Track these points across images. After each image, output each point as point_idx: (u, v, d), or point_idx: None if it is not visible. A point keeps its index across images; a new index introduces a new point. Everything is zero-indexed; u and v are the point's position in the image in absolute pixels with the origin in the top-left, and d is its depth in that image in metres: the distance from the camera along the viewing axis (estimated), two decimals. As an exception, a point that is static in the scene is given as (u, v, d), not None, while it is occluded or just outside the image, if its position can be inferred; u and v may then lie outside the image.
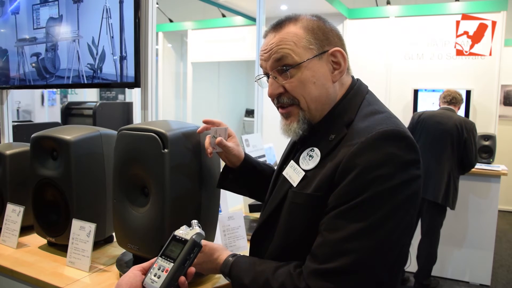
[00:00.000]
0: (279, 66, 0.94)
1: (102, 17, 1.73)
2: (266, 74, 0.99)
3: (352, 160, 0.83)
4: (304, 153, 0.96)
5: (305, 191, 0.91)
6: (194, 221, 0.92)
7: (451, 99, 3.38)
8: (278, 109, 1.00)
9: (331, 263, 0.81)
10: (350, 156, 0.84)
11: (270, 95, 0.98)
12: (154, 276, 0.85)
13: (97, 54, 1.77)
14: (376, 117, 0.90)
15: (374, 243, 0.81)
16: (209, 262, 1.01)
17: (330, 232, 0.83)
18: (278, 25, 0.96)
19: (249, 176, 1.23)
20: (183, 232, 0.90)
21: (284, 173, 1.00)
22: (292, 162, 0.98)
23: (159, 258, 0.88)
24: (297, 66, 0.92)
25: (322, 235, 0.85)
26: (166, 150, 1.08)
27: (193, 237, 0.88)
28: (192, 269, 0.89)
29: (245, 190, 1.30)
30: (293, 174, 0.96)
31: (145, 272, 0.88)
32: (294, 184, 0.94)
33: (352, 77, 1.02)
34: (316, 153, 0.93)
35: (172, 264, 0.86)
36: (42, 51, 1.99)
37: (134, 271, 0.88)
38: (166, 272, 0.85)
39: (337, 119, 0.94)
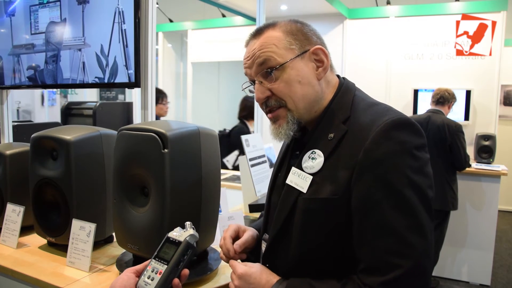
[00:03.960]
0: (263, 69, 0.95)
1: (114, 22, 1.49)
2: (252, 82, 1.00)
3: (369, 156, 0.82)
4: (306, 157, 0.93)
5: (319, 196, 0.88)
6: (188, 223, 0.92)
7: (439, 98, 3.38)
8: (267, 115, 1.00)
9: (397, 270, 0.78)
10: (365, 152, 0.83)
11: (258, 100, 0.98)
12: (148, 278, 0.85)
13: (107, 66, 1.52)
14: (375, 109, 0.91)
15: (424, 234, 0.80)
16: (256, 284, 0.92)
17: (380, 240, 0.80)
18: (257, 32, 0.98)
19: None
20: (177, 234, 0.90)
21: (288, 181, 0.95)
22: (294, 168, 0.95)
23: (153, 260, 0.87)
24: (281, 67, 0.93)
25: (370, 245, 0.81)
26: (166, 150, 1.08)
27: (187, 239, 0.88)
28: (186, 271, 0.88)
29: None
30: (300, 180, 0.92)
31: (139, 275, 0.88)
32: (304, 191, 0.91)
33: (338, 75, 1.02)
34: (319, 155, 0.91)
35: (166, 266, 0.85)
36: (41, 62, 1.71)
37: (128, 274, 0.88)
38: (159, 274, 0.85)
39: (331, 118, 0.94)
